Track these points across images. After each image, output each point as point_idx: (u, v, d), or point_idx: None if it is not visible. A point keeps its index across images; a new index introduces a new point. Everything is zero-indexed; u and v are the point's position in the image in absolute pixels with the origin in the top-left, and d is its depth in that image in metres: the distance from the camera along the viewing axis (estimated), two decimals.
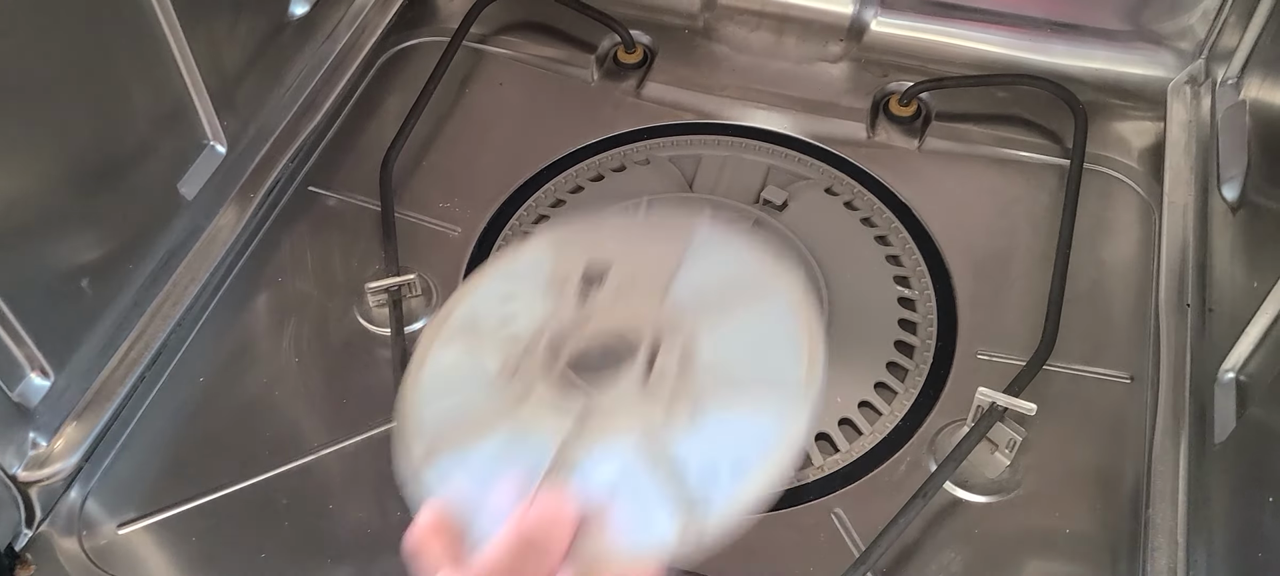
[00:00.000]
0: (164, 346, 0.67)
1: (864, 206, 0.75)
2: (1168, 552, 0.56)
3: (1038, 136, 0.79)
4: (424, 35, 0.88)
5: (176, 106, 0.68)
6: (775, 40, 0.86)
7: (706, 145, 0.79)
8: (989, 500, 0.60)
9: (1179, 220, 0.71)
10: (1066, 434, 0.62)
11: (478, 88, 0.85)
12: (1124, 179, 0.76)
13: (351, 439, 0.63)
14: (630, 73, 0.85)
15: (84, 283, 0.62)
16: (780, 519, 0.59)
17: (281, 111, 0.78)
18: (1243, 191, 0.66)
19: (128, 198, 0.65)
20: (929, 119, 0.80)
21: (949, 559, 0.58)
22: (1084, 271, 0.70)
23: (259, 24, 0.75)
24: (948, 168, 0.77)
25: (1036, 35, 0.82)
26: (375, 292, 0.68)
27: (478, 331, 0.47)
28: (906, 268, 0.71)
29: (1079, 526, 0.59)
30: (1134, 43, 0.81)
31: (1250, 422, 0.55)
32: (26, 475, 0.61)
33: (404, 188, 0.76)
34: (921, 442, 0.62)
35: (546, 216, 0.75)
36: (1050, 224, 0.72)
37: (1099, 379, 0.65)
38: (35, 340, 0.59)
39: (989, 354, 0.66)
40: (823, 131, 0.80)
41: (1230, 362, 0.59)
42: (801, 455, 0.62)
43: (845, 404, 0.64)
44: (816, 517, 0.59)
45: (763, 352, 0.45)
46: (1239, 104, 0.73)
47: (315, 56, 0.82)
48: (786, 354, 0.45)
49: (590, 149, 0.79)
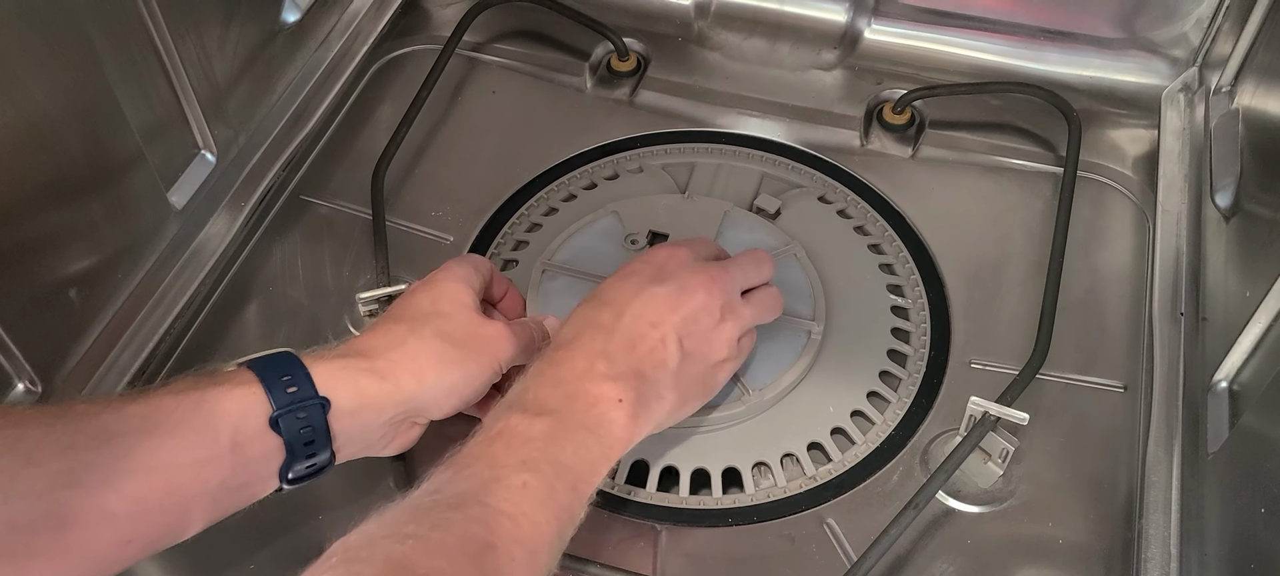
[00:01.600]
0: (153, 356, 0.66)
1: (857, 214, 0.75)
2: (1161, 562, 0.55)
3: (1031, 144, 0.79)
4: (416, 43, 0.88)
5: (167, 115, 0.68)
6: (769, 48, 0.86)
7: (700, 153, 0.79)
8: (982, 510, 0.60)
9: (1172, 228, 0.70)
10: (1059, 443, 0.62)
11: (470, 96, 0.84)
12: (1118, 187, 0.76)
13: None
14: (623, 80, 0.84)
15: (72, 293, 0.62)
16: (772, 528, 0.59)
17: (273, 120, 0.78)
18: (1236, 199, 0.66)
19: (117, 207, 0.64)
20: (922, 127, 0.80)
21: (941, 569, 0.57)
22: (1077, 280, 0.70)
23: (250, 32, 0.75)
24: (941, 175, 0.77)
25: (1030, 43, 0.82)
26: (367, 302, 0.68)
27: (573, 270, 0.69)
28: (899, 276, 0.71)
29: (1072, 536, 0.58)
30: (1128, 50, 0.81)
31: (1243, 432, 0.55)
32: None
33: (396, 196, 0.76)
34: (914, 452, 0.62)
35: (539, 225, 0.74)
36: (1044, 232, 0.72)
37: (1092, 388, 0.65)
38: (23, 351, 0.59)
39: (982, 363, 0.66)
40: (816, 139, 0.80)
41: (1223, 371, 0.58)
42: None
43: (837, 412, 0.64)
44: (808, 527, 0.59)
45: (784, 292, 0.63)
46: (1232, 112, 0.72)
47: (307, 64, 0.82)
48: (803, 298, 0.67)
49: (583, 157, 0.79)
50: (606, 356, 0.54)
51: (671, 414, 0.56)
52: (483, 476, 0.47)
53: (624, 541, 0.59)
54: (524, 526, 0.46)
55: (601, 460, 0.52)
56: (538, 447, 0.49)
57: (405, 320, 0.56)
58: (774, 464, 0.62)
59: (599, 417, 0.52)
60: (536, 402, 0.51)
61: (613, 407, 0.52)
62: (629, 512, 0.60)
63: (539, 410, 0.51)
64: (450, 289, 0.58)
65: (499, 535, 0.45)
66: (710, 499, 0.60)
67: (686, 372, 0.56)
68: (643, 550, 0.59)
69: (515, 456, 0.48)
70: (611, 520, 0.59)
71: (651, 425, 0.55)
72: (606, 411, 0.52)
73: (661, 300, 0.56)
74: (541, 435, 0.50)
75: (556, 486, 0.48)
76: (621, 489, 0.61)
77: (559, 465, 0.49)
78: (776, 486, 0.61)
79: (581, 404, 0.52)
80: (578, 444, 0.51)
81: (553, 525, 0.47)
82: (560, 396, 0.52)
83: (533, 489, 0.47)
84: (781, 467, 0.62)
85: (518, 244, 0.74)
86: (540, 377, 0.53)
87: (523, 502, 0.46)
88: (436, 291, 0.58)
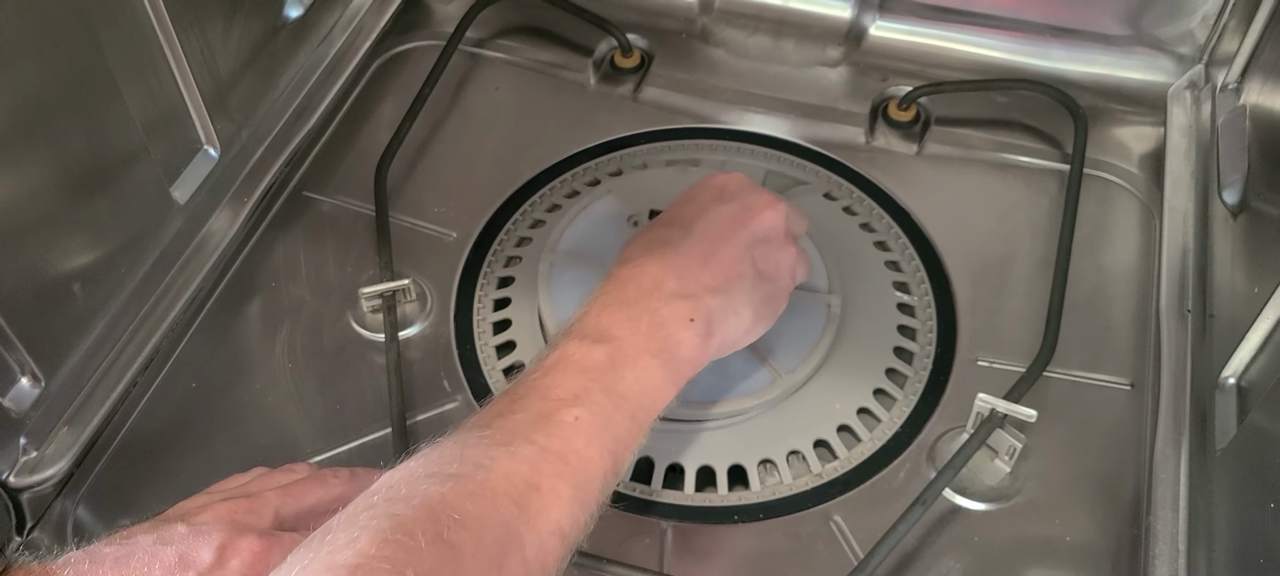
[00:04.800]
0: (156, 352, 0.66)
1: (863, 211, 0.74)
2: (1169, 559, 0.55)
3: (1037, 141, 0.79)
4: (419, 39, 0.88)
5: (169, 110, 0.68)
6: (773, 44, 0.86)
7: (704, 149, 0.79)
8: (989, 507, 0.59)
9: (1179, 226, 0.70)
10: (1067, 440, 0.62)
11: (474, 92, 0.84)
12: (1124, 184, 0.76)
13: (346, 445, 0.63)
14: (627, 77, 0.84)
15: (75, 287, 0.62)
16: (778, 525, 0.59)
17: (276, 115, 0.78)
18: (1243, 197, 0.66)
19: (120, 202, 0.64)
20: (928, 123, 0.80)
21: (948, 566, 0.57)
22: (1084, 277, 0.69)
23: (253, 27, 0.74)
24: (947, 172, 0.77)
25: (1036, 40, 0.82)
26: (369, 298, 0.68)
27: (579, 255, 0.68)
28: (905, 273, 0.70)
29: (1079, 533, 0.58)
30: (1134, 47, 0.80)
31: (1251, 428, 0.54)
32: (17, 481, 0.60)
33: (399, 192, 0.76)
34: (920, 449, 0.62)
35: (542, 222, 0.74)
36: (1050, 229, 0.72)
37: (1099, 385, 0.64)
38: (26, 345, 0.59)
39: (988, 360, 0.66)
40: (821, 136, 0.79)
41: (1231, 368, 0.58)
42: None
43: (844, 410, 0.63)
44: (815, 524, 0.59)
45: None
46: (1239, 109, 0.72)
47: (310, 60, 0.82)
48: (817, 272, 0.67)
49: (587, 153, 0.79)
50: (677, 273, 0.52)
51: (746, 333, 0.55)
52: (534, 410, 0.46)
53: (630, 538, 0.59)
54: (572, 463, 0.45)
55: (666, 385, 0.50)
56: (594, 377, 0.48)
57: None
58: (780, 461, 0.61)
59: (665, 340, 0.50)
60: (597, 328, 0.50)
61: (682, 327, 0.50)
62: (634, 509, 0.60)
63: (599, 336, 0.49)
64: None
65: (544, 474, 0.44)
66: (716, 496, 0.60)
67: (760, 290, 0.55)
68: (649, 547, 0.58)
69: (569, 388, 0.47)
70: (617, 517, 0.59)
71: (724, 345, 0.53)
72: (674, 332, 0.50)
73: (729, 216, 0.55)
74: (599, 364, 0.48)
75: (613, 418, 0.47)
76: (626, 486, 0.60)
77: (616, 395, 0.48)
78: (782, 483, 0.61)
79: (646, 326, 0.50)
80: (640, 371, 0.49)
81: (606, 459, 0.46)
82: (623, 320, 0.50)
83: (585, 424, 0.46)
84: (788, 465, 0.61)
85: (521, 240, 0.73)
86: (603, 299, 0.51)
87: (573, 439, 0.45)
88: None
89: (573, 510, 0.45)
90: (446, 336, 0.68)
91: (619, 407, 0.48)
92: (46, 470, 0.61)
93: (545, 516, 0.43)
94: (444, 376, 0.66)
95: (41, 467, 0.61)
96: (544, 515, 0.43)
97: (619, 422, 0.47)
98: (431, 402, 0.65)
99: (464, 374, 0.66)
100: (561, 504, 0.44)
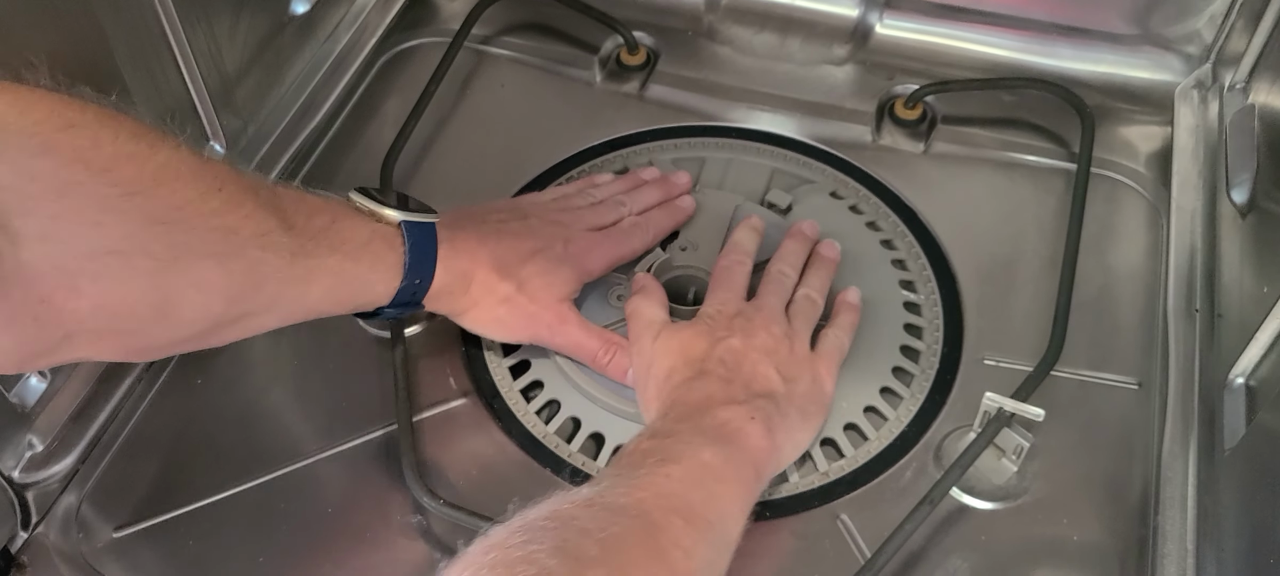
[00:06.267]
0: None
1: (869, 210, 0.74)
2: (1177, 559, 0.55)
3: (1044, 140, 0.78)
4: (425, 36, 0.88)
5: (175, 105, 0.68)
6: (779, 42, 0.86)
7: (710, 148, 0.79)
8: (996, 506, 0.59)
9: (1187, 225, 0.70)
10: (1074, 440, 0.62)
11: (479, 89, 0.84)
12: (1131, 183, 0.75)
13: (350, 442, 0.63)
14: (633, 74, 0.84)
15: None
16: (785, 524, 0.59)
17: (281, 111, 0.78)
18: (1251, 196, 0.65)
19: None
20: (935, 122, 0.80)
21: (955, 565, 0.57)
22: (1091, 277, 0.69)
23: (259, 23, 0.74)
24: (953, 171, 0.77)
25: (1043, 39, 0.82)
26: None
27: None
28: (912, 272, 0.70)
29: (1087, 533, 0.58)
30: (1141, 46, 0.80)
31: (1260, 428, 0.54)
32: (23, 477, 0.61)
33: (404, 189, 0.76)
34: (927, 448, 0.62)
35: None
36: (1057, 228, 0.72)
37: (1107, 385, 0.64)
38: None
39: (995, 359, 0.66)
40: (827, 134, 0.79)
41: (1239, 368, 0.58)
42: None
43: (850, 409, 0.63)
44: (821, 523, 0.59)
45: None
46: (1247, 108, 0.72)
47: (315, 56, 0.82)
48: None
49: (592, 151, 0.78)
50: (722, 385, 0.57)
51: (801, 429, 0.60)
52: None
53: None
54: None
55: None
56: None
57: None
58: None
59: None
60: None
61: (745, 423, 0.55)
62: None
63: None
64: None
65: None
66: None
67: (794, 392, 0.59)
68: None
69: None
70: None
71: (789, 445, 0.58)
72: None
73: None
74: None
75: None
76: None
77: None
78: (789, 482, 0.60)
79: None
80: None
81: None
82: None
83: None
84: (794, 464, 0.61)
85: None
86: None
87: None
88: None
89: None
90: (453, 333, 0.68)
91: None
92: (53, 465, 0.61)
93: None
94: (450, 374, 0.66)
95: (48, 463, 0.61)
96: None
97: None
98: (437, 400, 0.64)
99: (470, 371, 0.66)
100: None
